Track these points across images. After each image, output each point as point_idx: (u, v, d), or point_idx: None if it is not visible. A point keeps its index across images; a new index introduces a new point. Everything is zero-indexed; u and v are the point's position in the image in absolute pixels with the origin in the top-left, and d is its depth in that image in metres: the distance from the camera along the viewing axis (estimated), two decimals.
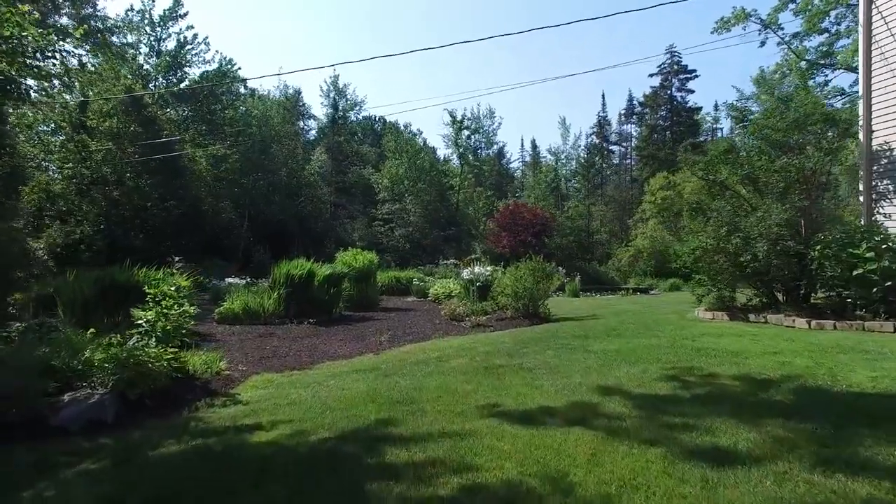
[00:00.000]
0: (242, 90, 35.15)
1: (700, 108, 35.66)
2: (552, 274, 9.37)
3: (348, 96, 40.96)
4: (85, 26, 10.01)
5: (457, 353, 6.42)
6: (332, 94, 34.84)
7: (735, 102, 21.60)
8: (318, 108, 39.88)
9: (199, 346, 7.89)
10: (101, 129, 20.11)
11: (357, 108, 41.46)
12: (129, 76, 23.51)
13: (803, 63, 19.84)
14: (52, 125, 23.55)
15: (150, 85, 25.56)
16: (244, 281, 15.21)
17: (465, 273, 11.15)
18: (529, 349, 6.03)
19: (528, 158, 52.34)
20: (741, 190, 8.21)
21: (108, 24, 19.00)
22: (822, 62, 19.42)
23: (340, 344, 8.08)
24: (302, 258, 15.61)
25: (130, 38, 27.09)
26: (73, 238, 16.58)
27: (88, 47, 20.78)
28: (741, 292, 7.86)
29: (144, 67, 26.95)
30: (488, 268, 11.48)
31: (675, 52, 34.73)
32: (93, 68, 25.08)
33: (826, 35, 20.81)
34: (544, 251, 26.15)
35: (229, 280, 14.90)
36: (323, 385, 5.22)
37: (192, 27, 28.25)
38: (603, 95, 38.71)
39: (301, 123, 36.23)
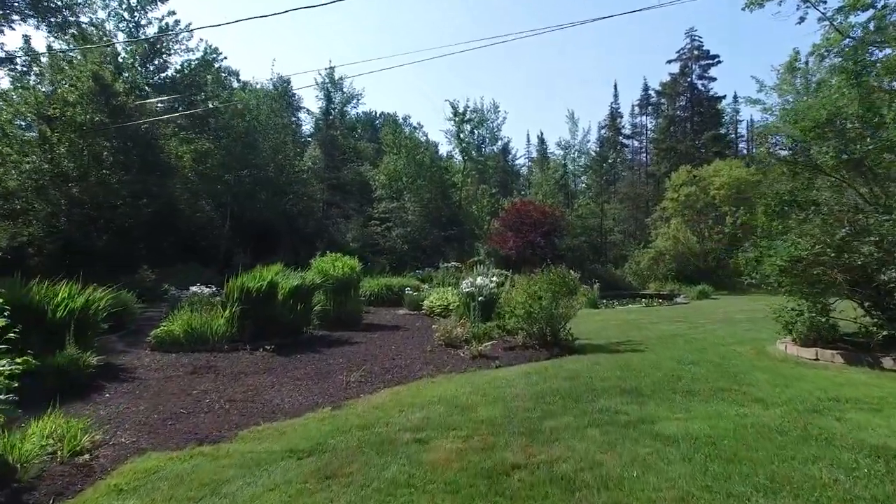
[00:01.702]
0: (235, 83, 33.22)
1: (724, 97, 33.19)
2: (577, 288, 7.21)
3: (345, 89, 38.88)
4: None
5: (447, 417, 4.30)
6: (326, 86, 32.74)
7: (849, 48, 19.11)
8: (314, 105, 38.08)
9: (101, 391, 5.83)
10: (63, 119, 18.10)
11: (354, 101, 39.34)
12: (100, 61, 21.47)
13: (848, 41, 17.52)
14: (26, 118, 21.72)
15: (126, 74, 23.54)
16: (210, 290, 13.14)
17: (465, 285, 9.01)
18: (558, 419, 3.89)
19: (534, 154, 50.03)
20: (836, 176, 6.02)
21: (66, 1, 16.97)
22: (874, 40, 17.11)
23: (294, 386, 5.99)
24: (278, 264, 13.56)
25: (108, 23, 25.10)
26: (21, 240, 14.58)
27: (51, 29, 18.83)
28: (854, 320, 5.58)
29: (122, 55, 24.94)
30: (493, 278, 9.33)
31: (696, 35, 32.20)
32: (62, 55, 23.25)
33: (872, 10, 18.52)
34: (554, 253, 23.99)
35: (193, 289, 12.69)
36: (216, 498, 3.12)
37: (173, 13, 26.23)
38: (615, 85, 36.32)
39: (293, 117, 34.13)
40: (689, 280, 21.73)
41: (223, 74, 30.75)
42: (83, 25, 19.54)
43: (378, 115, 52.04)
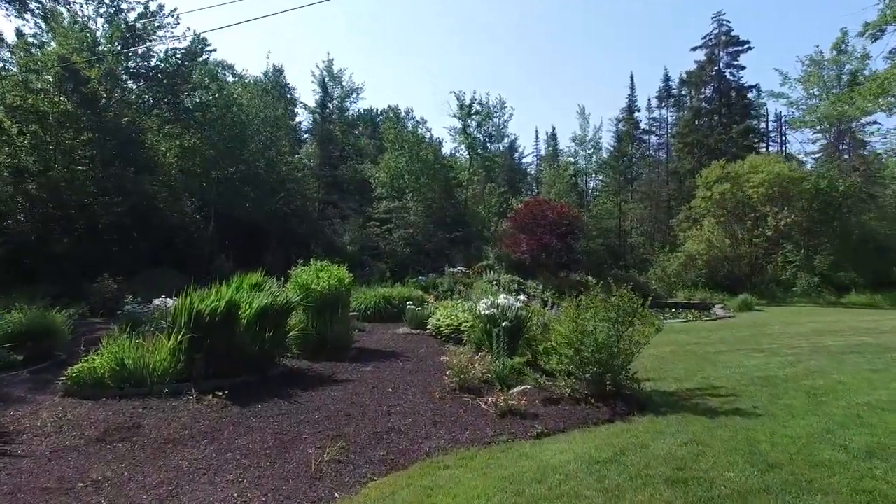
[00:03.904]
0: (231, 78, 31.34)
1: (755, 86, 30.41)
2: (645, 315, 5.20)
3: (344, 83, 37.05)
4: None
5: None
6: (323, 78, 30.75)
7: None
8: (313, 101, 35.95)
9: None
10: (24, 108, 16.16)
11: (354, 95, 37.43)
12: (74, 46, 19.57)
13: None
14: None
15: (102, 65, 21.56)
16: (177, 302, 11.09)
17: (483, 305, 6.97)
18: None
19: (542, 152, 47.93)
20: None
21: None
22: None
23: (237, 472, 3.96)
24: (258, 273, 11.51)
25: (87, 7, 23.12)
26: None
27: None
28: None
29: (101, 42, 22.96)
30: (520, 296, 7.27)
31: (725, 20, 29.83)
32: (34, 40, 21.36)
33: None
34: (570, 257, 21.92)
35: (157, 302, 10.57)
36: None
37: None
38: (631, 77, 33.82)
39: (288, 111, 32.18)
40: (721, 287, 19.65)
41: (217, 69, 28.86)
42: (53, 5, 17.66)
43: (380, 112, 50.26)
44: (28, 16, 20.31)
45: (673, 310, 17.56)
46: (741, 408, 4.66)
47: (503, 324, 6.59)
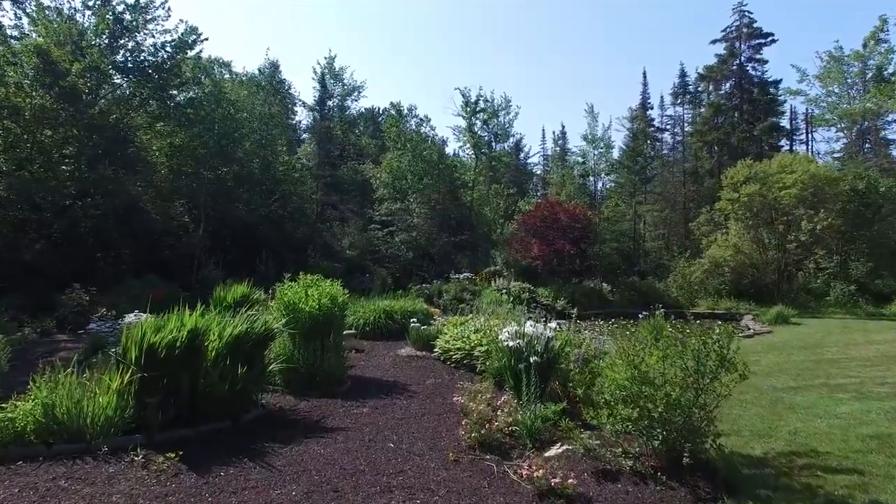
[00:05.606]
0: (227, 75, 30.17)
1: (779, 81, 28.66)
2: (732, 360, 3.89)
3: (345, 81, 35.85)
4: None
5: None
6: (325, 76, 29.51)
7: None
8: (312, 100, 34.53)
9: None
10: None
11: (356, 93, 36.26)
12: (58, 40, 18.38)
13: None
14: None
15: (87, 58, 20.34)
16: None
17: (506, 335, 5.68)
18: None
19: (549, 152, 46.66)
20: None
21: None
22: None
23: None
24: (244, 284, 10.27)
25: None
26: None
27: None
28: None
29: (88, 36, 21.75)
30: (551, 324, 5.95)
31: (747, 11, 28.31)
32: (16, 31, 20.18)
33: None
34: (583, 263, 20.60)
35: (130, 318, 9.19)
36: None
37: None
38: (644, 74, 32.45)
39: (286, 110, 30.93)
40: (746, 296, 18.30)
41: (213, 65, 27.63)
42: None
43: (381, 112, 49.09)
44: (8, 4, 19.26)
45: (697, 321, 16.13)
46: (883, 501, 3.34)
47: (532, 359, 5.29)
